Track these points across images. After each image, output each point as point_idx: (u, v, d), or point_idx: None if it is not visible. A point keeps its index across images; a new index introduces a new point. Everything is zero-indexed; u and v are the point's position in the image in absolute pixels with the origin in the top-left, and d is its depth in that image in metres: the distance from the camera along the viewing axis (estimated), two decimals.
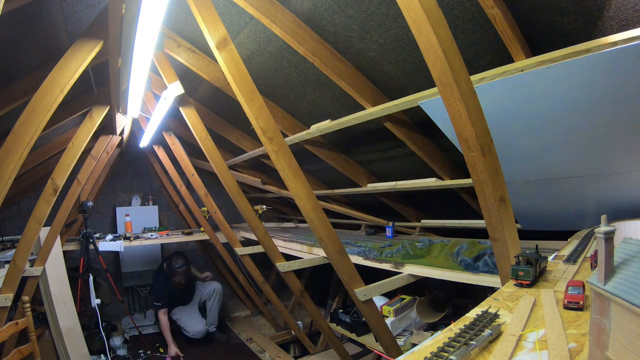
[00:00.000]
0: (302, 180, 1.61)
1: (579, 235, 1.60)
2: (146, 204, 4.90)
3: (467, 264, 1.74)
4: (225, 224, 3.39)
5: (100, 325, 2.94)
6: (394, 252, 2.21)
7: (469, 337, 0.65)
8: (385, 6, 1.45)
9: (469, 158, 0.98)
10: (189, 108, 2.29)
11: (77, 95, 2.21)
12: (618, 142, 1.33)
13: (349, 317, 2.44)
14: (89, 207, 3.51)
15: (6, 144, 1.36)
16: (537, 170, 1.64)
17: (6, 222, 3.98)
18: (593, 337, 0.49)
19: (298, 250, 2.93)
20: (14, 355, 1.65)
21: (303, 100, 2.39)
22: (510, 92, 1.29)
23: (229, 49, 1.44)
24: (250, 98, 1.49)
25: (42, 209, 1.98)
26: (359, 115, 1.92)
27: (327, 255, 1.78)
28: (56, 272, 2.84)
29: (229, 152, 3.75)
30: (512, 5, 1.23)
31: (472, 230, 2.64)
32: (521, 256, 0.98)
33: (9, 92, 1.77)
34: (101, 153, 3.01)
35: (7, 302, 2.01)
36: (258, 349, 3.56)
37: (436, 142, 2.13)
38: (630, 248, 0.50)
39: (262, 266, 3.61)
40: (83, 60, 1.38)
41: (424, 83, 1.72)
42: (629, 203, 1.50)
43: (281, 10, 1.64)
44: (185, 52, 2.25)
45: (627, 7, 1.08)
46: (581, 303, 0.75)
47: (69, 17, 1.58)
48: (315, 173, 3.41)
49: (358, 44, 1.71)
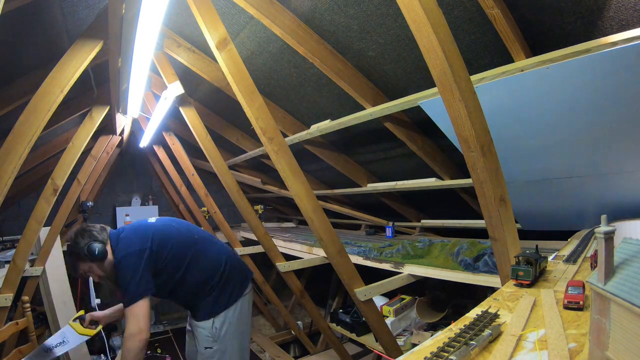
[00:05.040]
0: (302, 180, 1.61)
1: (579, 235, 1.60)
2: (146, 204, 4.90)
3: (467, 264, 1.74)
4: (225, 224, 3.39)
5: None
6: (394, 252, 2.22)
7: (469, 337, 0.65)
8: (385, 6, 1.45)
9: (469, 158, 0.98)
10: (189, 108, 2.29)
11: (77, 95, 2.21)
12: (618, 142, 1.33)
13: (349, 317, 2.44)
14: (89, 207, 3.52)
15: (6, 144, 1.36)
16: (537, 170, 1.64)
17: (6, 222, 3.98)
18: (593, 337, 0.49)
19: (298, 250, 2.93)
20: (14, 355, 1.66)
21: (303, 100, 2.39)
22: (510, 92, 1.29)
23: (229, 49, 1.44)
24: (250, 98, 1.49)
25: (42, 209, 1.98)
26: (359, 115, 1.92)
27: (327, 255, 1.78)
28: (56, 272, 2.84)
29: (229, 152, 3.75)
30: (512, 5, 1.23)
31: (472, 230, 2.64)
32: (521, 256, 0.98)
33: (9, 92, 1.77)
34: (101, 153, 3.02)
35: (7, 302, 2.00)
36: (258, 349, 3.56)
37: (436, 142, 2.13)
38: (630, 248, 0.50)
39: (262, 266, 3.61)
40: (83, 60, 1.38)
41: (424, 83, 1.72)
42: (629, 203, 1.50)
43: (281, 10, 1.64)
44: (185, 52, 2.25)
45: (627, 7, 1.08)
46: (581, 303, 0.75)
47: (69, 17, 1.58)
48: (315, 173, 3.41)
49: (358, 44, 1.71)
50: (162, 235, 1.63)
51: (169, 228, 1.71)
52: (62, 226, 2.89)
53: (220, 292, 1.71)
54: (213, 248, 1.80)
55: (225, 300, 1.71)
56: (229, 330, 1.70)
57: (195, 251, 1.70)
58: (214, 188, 4.60)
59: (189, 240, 1.71)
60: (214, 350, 1.67)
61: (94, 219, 4.45)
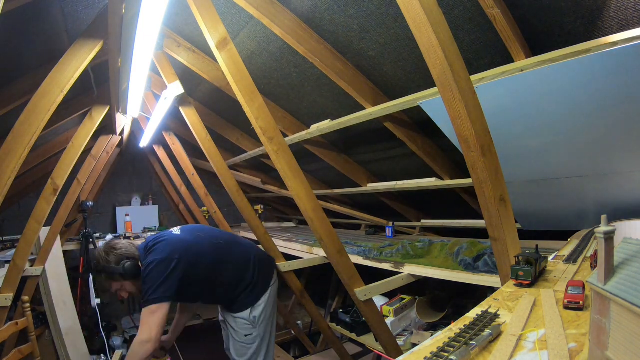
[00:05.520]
0: (302, 180, 1.61)
1: (579, 235, 1.60)
2: (146, 204, 4.90)
3: (467, 264, 1.74)
4: (225, 223, 3.39)
5: (100, 325, 2.94)
6: (394, 252, 2.21)
7: (469, 337, 0.65)
8: (385, 6, 1.45)
9: (469, 158, 0.98)
10: (189, 108, 2.29)
11: (77, 95, 2.21)
12: (618, 142, 1.33)
13: (349, 317, 2.44)
14: (89, 207, 3.52)
15: (6, 144, 1.36)
16: (537, 170, 1.64)
17: (6, 222, 3.98)
18: (593, 337, 0.49)
19: (298, 250, 2.93)
20: (14, 355, 1.65)
21: (303, 100, 2.39)
22: (510, 92, 1.29)
23: (229, 49, 1.44)
24: (250, 98, 1.49)
25: (42, 209, 1.98)
26: (359, 115, 1.92)
27: (327, 255, 1.78)
28: (56, 272, 2.84)
29: (229, 152, 3.75)
30: (512, 5, 1.23)
31: (472, 230, 2.64)
32: (521, 256, 0.97)
33: (9, 92, 1.77)
34: (101, 153, 3.02)
35: (7, 302, 2.00)
36: None
37: (436, 142, 2.13)
38: (630, 248, 0.50)
39: None
40: (83, 60, 1.38)
41: (424, 83, 1.72)
42: (629, 203, 1.50)
43: (281, 10, 1.64)
44: (185, 52, 2.25)
45: (627, 7, 1.08)
46: (581, 303, 0.75)
47: (69, 17, 1.58)
48: (315, 173, 3.41)
49: (358, 43, 1.71)
50: (195, 246, 1.70)
51: (198, 239, 1.77)
52: (62, 226, 2.89)
53: (254, 285, 1.83)
54: (239, 248, 1.91)
55: (259, 291, 1.84)
56: (265, 316, 1.85)
57: (224, 256, 1.79)
58: (214, 188, 4.60)
59: (217, 247, 1.80)
60: (254, 336, 1.82)
61: (94, 219, 4.46)
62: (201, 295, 1.77)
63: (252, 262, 1.85)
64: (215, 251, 1.77)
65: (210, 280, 1.73)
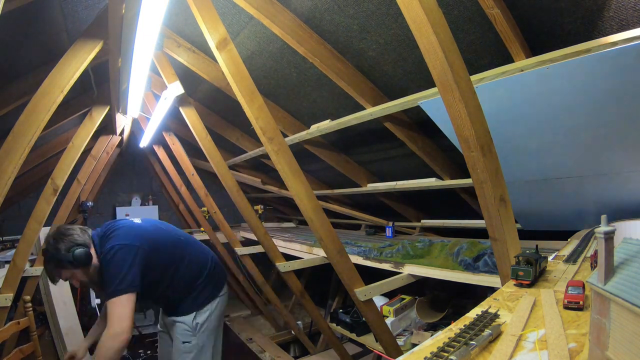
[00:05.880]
0: (302, 180, 1.61)
1: (579, 235, 1.60)
2: (146, 204, 4.90)
3: (467, 264, 1.74)
4: (225, 223, 3.39)
5: None
6: (394, 252, 2.21)
7: (469, 337, 0.65)
8: (385, 6, 1.45)
9: (469, 158, 0.98)
10: (189, 108, 2.29)
11: (77, 95, 2.21)
12: (618, 142, 1.33)
13: (349, 317, 2.44)
14: (89, 207, 3.52)
15: (6, 144, 1.36)
16: (537, 170, 1.64)
17: (6, 222, 3.98)
18: (593, 337, 0.49)
19: (298, 250, 2.93)
20: (15, 355, 1.65)
21: (303, 100, 2.39)
22: (510, 92, 1.29)
23: (229, 49, 1.44)
24: (250, 98, 1.49)
25: (42, 209, 1.98)
26: (359, 115, 1.92)
27: (327, 255, 1.78)
28: None
29: (229, 152, 3.75)
30: (512, 5, 1.23)
31: (472, 230, 2.64)
32: (521, 256, 0.97)
33: (9, 92, 1.77)
34: (101, 153, 3.02)
35: (7, 302, 2.00)
36: (258, 349, 3.56)
37: (436, 142, 2.13)
38: (630, 248, 0.50)
39: (262, 266, 3.61)
40: (83, 60, 1.38)
41: (424, 83, 1.72)
42: (629, 203, 1.50)
43: (281, 10, 1.64)
44: (185, 52, 2.25)
45: (627, 7, 1.08)
46: (581, 303, 0.75)
47: (69, 17, 1.58)
48: (315, 173, 3.41)
49: (358, 44, 1.71)
50: (155, 237, 1.62)
51: (158, 230, 1.70)
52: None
53: (204, 288, 1.74)
54: (198, 247, 1.84)
55: (207, 295, 1.74)
56: (208, 326, 1.72)
57: (183, 252, 1.71)
58: (214, 188, 4.60)
59: (177, 242, 1.73)
60: (192, 344, 1.67)
61: (94, 219, 4.45)
62: (156, 288, 1.63)
63: (209, 263, 1.78)
64: (175, 245, 1.69)
65: (166, 274, 1.63)
